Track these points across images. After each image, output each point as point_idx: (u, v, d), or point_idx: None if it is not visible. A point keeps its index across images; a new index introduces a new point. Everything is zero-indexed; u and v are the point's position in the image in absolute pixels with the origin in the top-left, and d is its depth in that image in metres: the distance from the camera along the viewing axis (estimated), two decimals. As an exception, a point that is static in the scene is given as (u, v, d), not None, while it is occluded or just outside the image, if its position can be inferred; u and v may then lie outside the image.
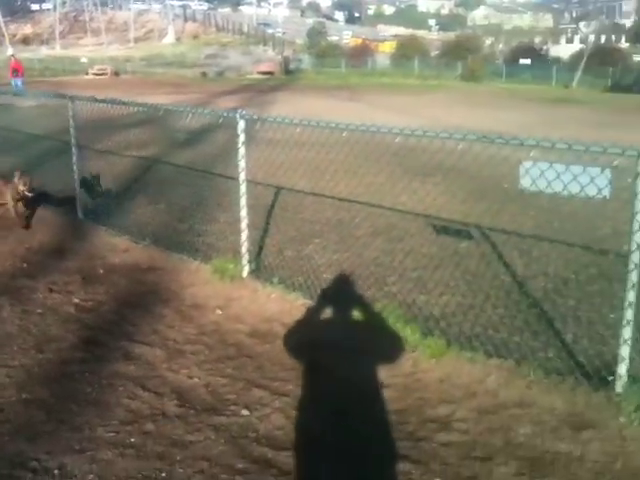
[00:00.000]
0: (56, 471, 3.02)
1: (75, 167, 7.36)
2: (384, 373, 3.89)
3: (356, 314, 4.67)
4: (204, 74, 52.39)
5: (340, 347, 4.11)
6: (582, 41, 73.84)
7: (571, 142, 3.65)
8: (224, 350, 4.27)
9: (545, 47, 72.46)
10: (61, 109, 8.21)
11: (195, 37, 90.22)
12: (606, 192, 3.59)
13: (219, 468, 3.07)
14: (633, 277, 3.57)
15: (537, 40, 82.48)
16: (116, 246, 6.43)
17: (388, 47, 70.71)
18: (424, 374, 3.87)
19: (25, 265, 5.92)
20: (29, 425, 3.38)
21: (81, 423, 3.39)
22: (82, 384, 3.79)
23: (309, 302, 4.82)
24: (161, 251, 6.17)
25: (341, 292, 5.08)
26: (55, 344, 4.32)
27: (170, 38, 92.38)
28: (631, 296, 3.60)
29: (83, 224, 7.20)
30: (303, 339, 4.39)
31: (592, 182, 3.60)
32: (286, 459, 3.14)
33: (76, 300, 5.11)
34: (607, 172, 3.58)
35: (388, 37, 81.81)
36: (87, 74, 50.19)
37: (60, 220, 7.32)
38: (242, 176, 5.42)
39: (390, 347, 4.22)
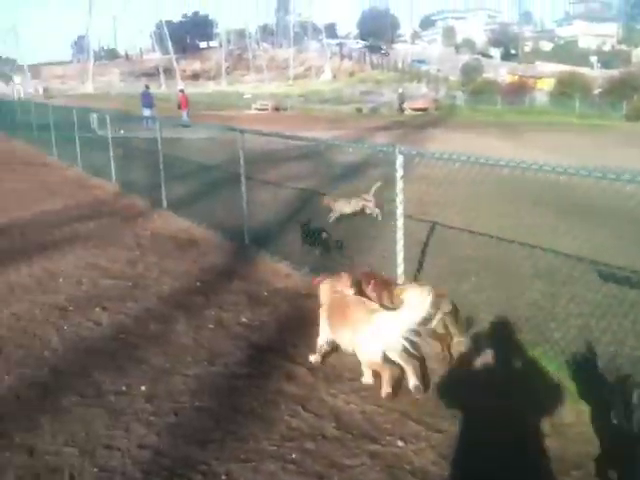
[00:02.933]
0: (223, 477, 3.32)
1: (244, 196, 7.67)
2: (544, 422, 3.80)
3: (514, 358, 4.57)
4: (359, 110, 51.41)
5: (496, 391, 4.08)
6: None
7: None
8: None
9: None
10: (228, 142, 8.79)
11: (351, 74, 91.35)
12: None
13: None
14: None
15: None
16: (278, 271, 6.70)
17: (547, 84, 65.15)
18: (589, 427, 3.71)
19: (198, 284, 6.32)
20: (200, 431, 3.71)
21: (246, 434, 3.69)
22: (248, 398, 4.07)
23: (467, 341, 4.67)
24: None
25: (498, 334, 4.82)
26: (224, 358, 4.64)
27: (327, 75, 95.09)
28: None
29: (249, 249, 7.55)
30: (460, 379, 4.35)
31: None
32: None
33: (243, 319, 5.40)
34: None
35: (546, 74, 72.63)
36: (250, 109, 51.82)
37: (228, 244, 7.79)
38: (399, 210, 5.38)
39: (550, 396, 4.03)
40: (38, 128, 17.85)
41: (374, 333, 3.91)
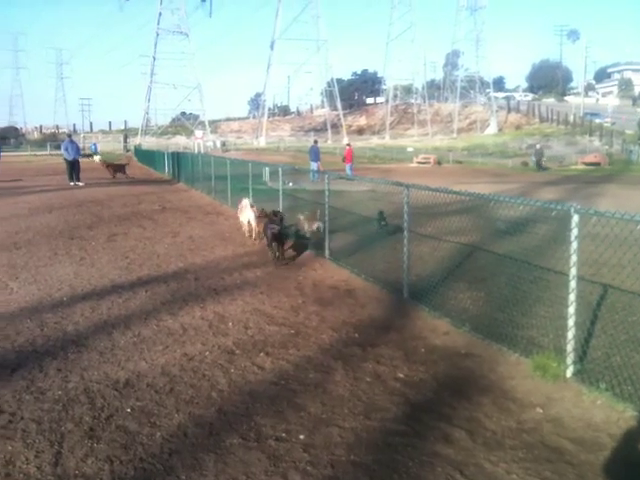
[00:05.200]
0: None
1: (405, 249, 7.69)
2: None
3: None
4: (525, 164, 50.61)
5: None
6: None
7: None
8: (543, 451, 4.10)
9: None
10: (388, 195, 9.65)
11: (518, 127, 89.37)
12: None
13: None
14: None
15: None
16: (437, 328, 6.63)
17: None
18: None
19: (357, 335, 6.43)
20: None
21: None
22: (403, 457, 4.01)
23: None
24: (480, 339, 6.18)
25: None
26: (380, 413, 4.64)
27: (492, 129, 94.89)
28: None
29: (407, 303, 7.55)
30: (632, 458, 4.11)
31: None
32: None
33: (400, 375, 5.38)
34: None
35: None
36: (412, 162, 53.04)
37: (387, 298, 7.85)
38: (573, 271, 5.17)
39: None
40: (215, 179, 19.19)
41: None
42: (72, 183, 25.10)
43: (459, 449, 4.11)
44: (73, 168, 25.52)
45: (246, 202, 12.43)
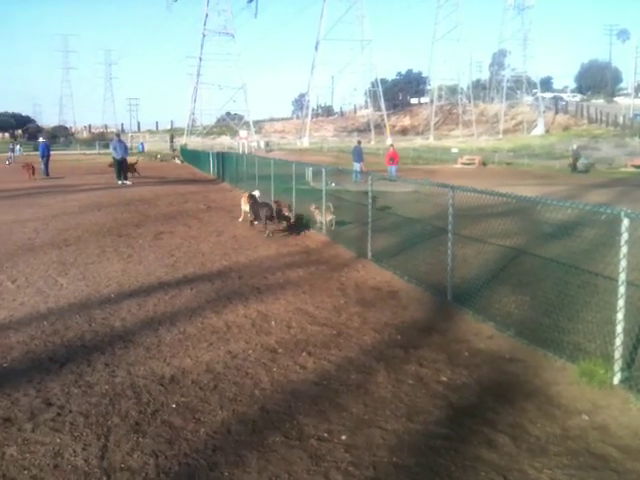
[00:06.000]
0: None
1: (449, 251, 7.64)
2: None
3: None
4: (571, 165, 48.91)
5: None
6: None
7: None
8: (589, 459, 4.05)
9: None
10: (432, 196, 9.81)
11: (565, 129, 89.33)
12: None
13: None
14: None
15: None
16: (480, 331, 6.57)
17: None
18: None
19: (399, 337, 6.41)
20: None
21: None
22: (446, 460, 3.99)
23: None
24: (524, 343, 6.10)
25: None
26: (423, 416, 4.63)
27: (539, 130, 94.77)
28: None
29: (451, 306, 7.48)
30: None
31: None
32: None
33: (443, 378, 5.35)
34: None
35: None
36: (456, 163, 52.16)
37: (430, 300, 7.80)
38: (622, 276, 5.08)
39: None
40: (259, 179, 19.32)
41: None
42: (120, 182, 25.59)
43: (502, 454, 4.06)
44: (121, 167, 26.02)
45: (256, 194, 14.23)
